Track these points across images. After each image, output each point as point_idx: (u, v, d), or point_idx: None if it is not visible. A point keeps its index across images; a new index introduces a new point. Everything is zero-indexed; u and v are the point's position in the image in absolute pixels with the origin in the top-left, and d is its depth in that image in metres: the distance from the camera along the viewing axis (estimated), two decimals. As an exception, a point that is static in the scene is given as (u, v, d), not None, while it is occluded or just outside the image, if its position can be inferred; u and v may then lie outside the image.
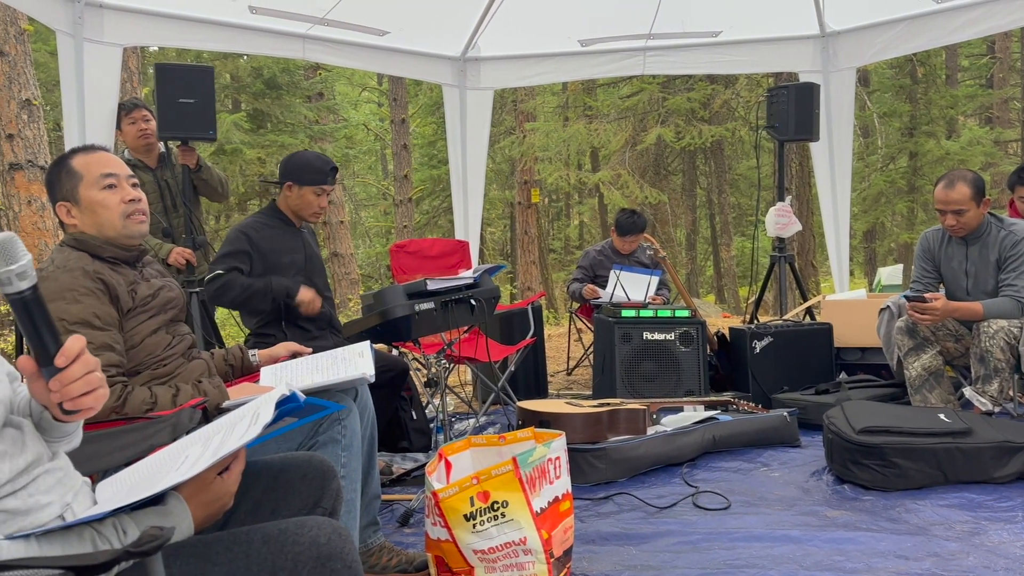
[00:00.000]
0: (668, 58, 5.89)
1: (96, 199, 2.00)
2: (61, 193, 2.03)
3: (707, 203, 18.13)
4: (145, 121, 3.96)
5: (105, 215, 2.01)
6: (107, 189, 2.01)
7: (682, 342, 4.34)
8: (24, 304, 1.13)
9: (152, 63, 14.30)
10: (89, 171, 2.01)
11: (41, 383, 1.16)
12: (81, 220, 2.03)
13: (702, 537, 2.58)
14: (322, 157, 3.31)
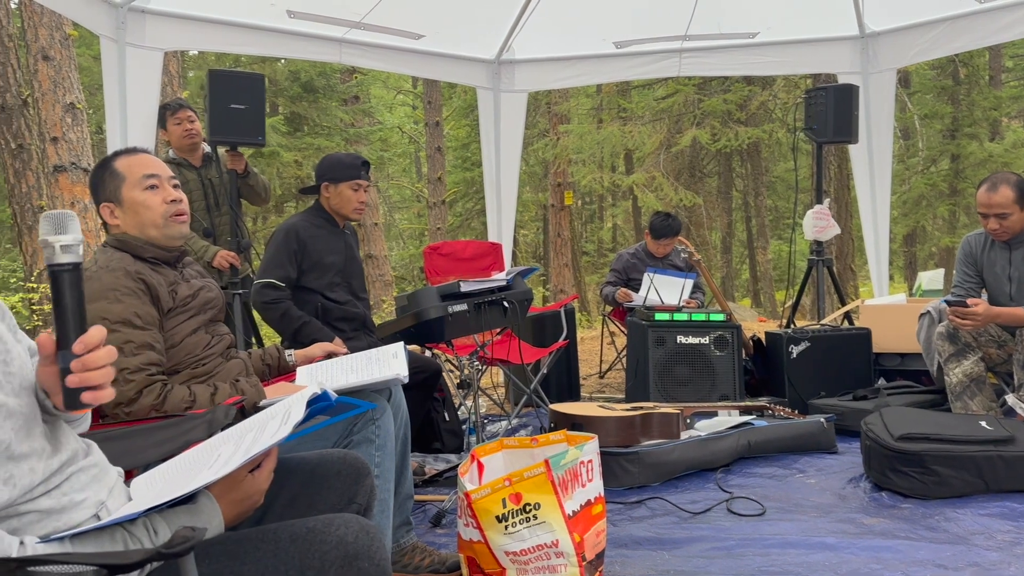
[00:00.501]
0: (704, 59, 5.84)
1: (138, 200, 2.04)
2: (104, 194, 2.07)
3: (743, 206, 17.96)
4: (190, 121, 4.03)
5: (147, 215, 2.05)
6: (149, 190, 2.05)
7: (717, 346, 4.30)
8: (63, 279, 1.14)
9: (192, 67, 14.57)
10: (132, 172, 2.05)
11: (52, 369, 1.14)
12: (124, 220, 2.07)
13: (736, 543, 2.56)
14: (351, 154, 3.36)
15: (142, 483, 1.36)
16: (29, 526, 1.10)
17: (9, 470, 1.07)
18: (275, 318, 3.16)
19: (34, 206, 8.39)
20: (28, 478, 1.10)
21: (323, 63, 11.56)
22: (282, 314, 3.14)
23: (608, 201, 19.77)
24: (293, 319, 3.14)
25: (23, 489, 1.09)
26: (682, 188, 11.62)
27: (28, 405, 1.14)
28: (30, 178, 8.41)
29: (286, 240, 3.19)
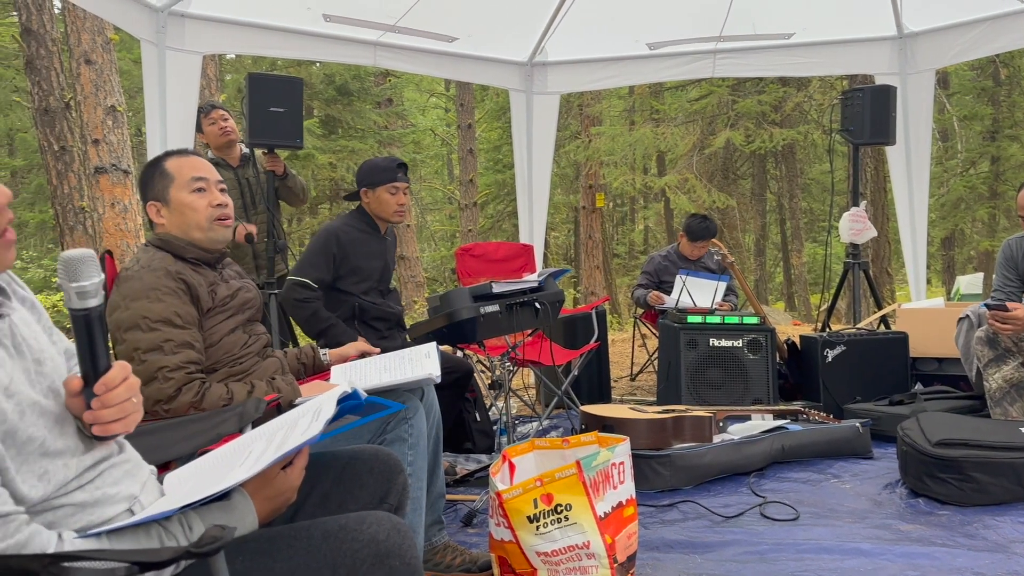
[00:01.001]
0: (739, 60, 5.80)
1: (185, 201, 2.08)
2: (152, 193, 2.12)
3: (777, 208, 17.77)
4: (223, 120, 4.09)
5: (192, 217, 2.09)
6: (196, 192, 2.09)
7: (750, 349, 4.26)
8: (84, 322, 1.16)
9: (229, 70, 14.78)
10: (181, 173, 2.10)
11: (79, 400, 1.18)
12: (169, 220, 2.11)
13: (769, 548, 2.54)
14: (388, 158, 3.38)
15: (175, 479, 1.37)
16: (64, 519, 1.12)
17: (44, 466, 1.10)
18: (304, 317, 3.19)
19: (75, 207, 8.57)
20: (62, 473, 1.12)
21: (357, 66, 11.67)
22: (311, 314, 3.17)
23: (640, 203, 19.68)
24: (320, 319, 3.17)
25: (57, 484, 1.11)
26: (715, 190, 11.54)
27: (58, 406, 1.16)
28: (72, 179, 8.60)
29: (326, 243, 3.22)
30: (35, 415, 1.10)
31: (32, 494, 1.07)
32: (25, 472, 1.07)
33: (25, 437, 1.08)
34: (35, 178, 15.02)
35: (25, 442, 1.08)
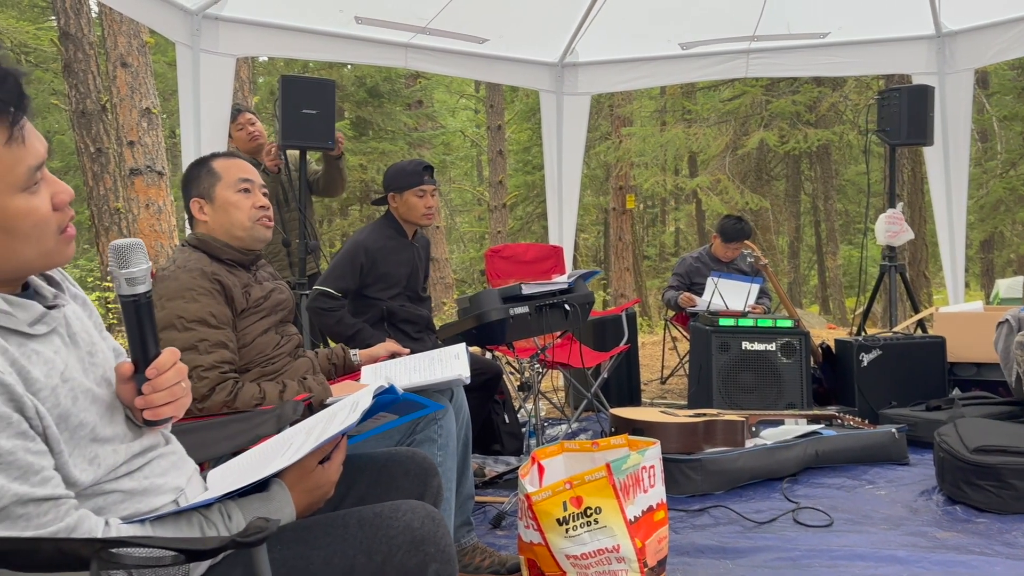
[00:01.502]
0: (772, 60, 5.73)
1: (231, 200, 2.13)
2: (198, 190, 2.16)
3: (812, 210, 17.56)
4: (251, 124, 4.16)
5: (236, 215, 2.13)
6: (242, 192, 2.14)
7: (784, 353, 4.21)
8: (134, 307, 1.20)
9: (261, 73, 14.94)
10: (228, 173, 2.15)
11: (130, 386, 1.22)
12: (212, 218, 2.15)
13: (802, 554, 2.50)
14: (414, 160, 3.39)
15: (217, 474, 1.40)
16: (113, 506, 1.15)
17: (94, 451, 1.13)
18: (328, 325, 3.22)
19: (111, 208, 8.73)
20: (111, 458, 1.16)
21: (388, 68, 11.74)
22: (336, 322, 3.20)
23: (671, 204, 19.56)
24: (346, 327, 3.19)
25: (107, 469, 1.15)
26: (748, 191, 11.43)
27: (109, 394, 1.20)
28: (107, 181, 8.76)
29: (354, 255, 3.23)
30: (87, 401, 1.14)
31: (83, 478, 1.11)
32: (77, 456, 1.11)
33: (77, 422, 1.11)
34: (72, 179, 15.31)
35: (77, 427, 1.11)
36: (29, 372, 1.06)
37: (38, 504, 1.03)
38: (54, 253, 1.13)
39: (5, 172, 1.05)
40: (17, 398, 1.03)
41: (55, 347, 1.13)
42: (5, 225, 1.06)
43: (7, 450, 1.00)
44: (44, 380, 1.08)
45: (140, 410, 1.23)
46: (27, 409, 1.04)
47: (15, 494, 1.01)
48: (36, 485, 1.03)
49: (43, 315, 1.13)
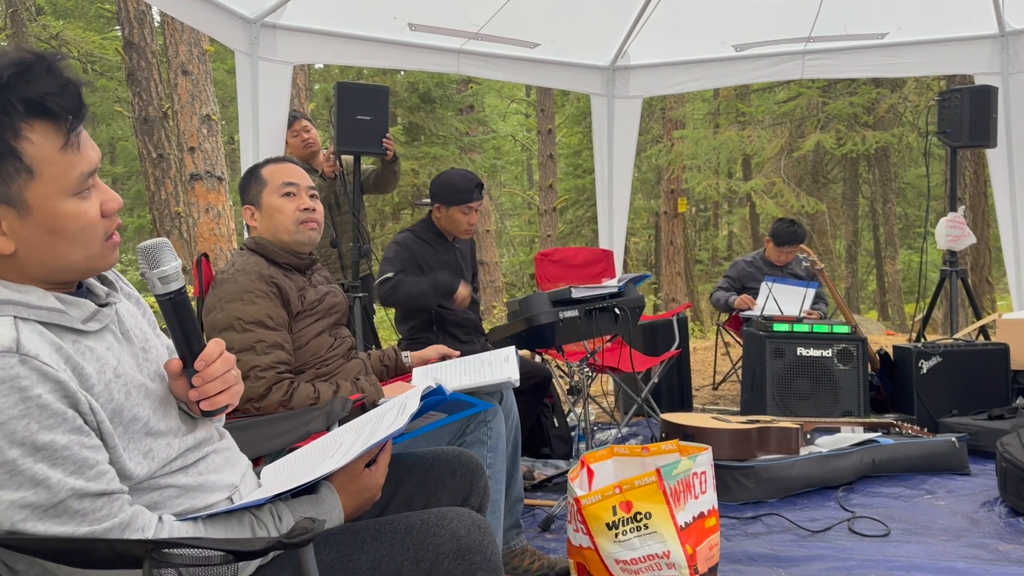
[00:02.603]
0: (829, 61, 5.62)
1: (275, 205, 2.19)
2: (249, 197, 2.24)
3: (870, 213, 17.16)
4: (306, 131, 4.26)
5: (280, 220, 2.19)
6: (285, 197, 2.20)
7: (840, 359, 4.12)
8: (171, 305, 1.23)
9: (317, 79, 15.21)
10: (273, 179, 2.21)
11: (181, 381, 1.25)
12: (261, 223, 2.22)
13: (858, 564, 2.45)
14: (467, 175, 3.39)
15: (270, 471, 1.44)
16: (168, 501, 1.19)
17: (148, 444, 1.17)
18: (399, 298, 3.25)
19: (172, 212, 8.97)
20: (165, 452, 1.19)
21: (440, 74, 11.84)
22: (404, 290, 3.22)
23: (724, 208, 19.31)
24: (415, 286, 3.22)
25: (161, 462, 1.18)
26: (804, 194, 11.23)
27: (164, 390, 1.24)
28: (168, 186, 9.01)
29: (398, 251, 3.31)
30: (140, 396, 1.18)
31: (138, 471, 1.14)
32: (132, 450, 1.14)
33: (131, 416, 1.15)
34: (134, 184, 15.79)
35: (131, 421, 1.15)
36: (83, 368, 1.09)
37: (93, 499, 1.06)
38: (98, 258, 1.16)
39: (58, 176, 1.09)
40: (72, 394, 1.06)
41: (108, 343, 1.16)
42: (54, 226, 1.10)
43: (63, 445, 1.04)
44: (97, 376, 1.11)
45: (196, 402, 1.25)
46: (81, 405, 1.07)
47: (71, 488, 1.04)
48: (91, 480, 1.06)
49: (95, 312, 1.16)
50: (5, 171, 1.05)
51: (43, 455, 1.02)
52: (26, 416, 1.01)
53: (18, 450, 1.01)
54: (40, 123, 1.07)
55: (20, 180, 1.06)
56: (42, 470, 1.02)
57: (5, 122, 1.04)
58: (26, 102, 1.05)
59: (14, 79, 1.04)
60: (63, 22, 12.93)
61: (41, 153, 1.07)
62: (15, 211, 1.07)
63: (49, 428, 1.03)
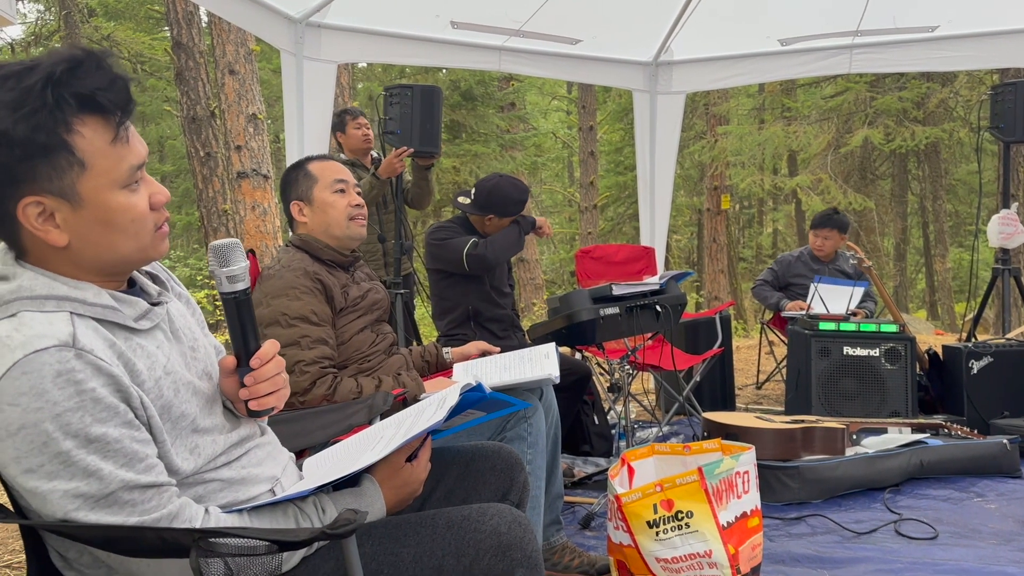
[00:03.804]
0: (878, 55, 5.51)
1: (328, 200, 2.24)
2: (296, 192, 2.27)
3: (919, 210, 16.77)
4: (367, 127, 4.33)
5: (333, 215, 2.23)
6: (338, 193, 2.25)
7: (888, 359, 4.04)
8: (235, 304, 1.26)
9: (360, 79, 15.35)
10: (324, 175, 2.25)
11: (232, 380, 1.28)
12: (311, 218, 2.25)
13: (905, 567, 2.40)
14: (519, 186, 3.43)
15: (313, 463, 1.46)
16: (212, 494, 1.22)
17: (195, 441, 1.20)
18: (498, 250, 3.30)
19: (219, 209, 9.13)
20: (211, 448, 1.22)
21: (482, 71, 11.88)
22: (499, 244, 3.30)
23: (768, 205, 19.05)
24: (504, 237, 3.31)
25: (207, 458, 1.21)
26: (851, 191, 11.02)
27: (210, 388, 1.27)
28: (216, 184, 9.17)
29: (454, 226, 3.39)
30: (188, 393, 1.20)
31: (185, 466, 1.17)
32: (179, 445, 1.17)
33: (179, 413, 1.18)
34: (183, 182, 16.11)
35: (179, 418, 1.18)
36: (135, 364, 1.12)
37: (143, 491, 1.09)
38: (149, 248, 1.19)
39: (109, 168, 1.11)
40: (124, 389, 1.09)
41: (158, 342, 1.19)
42: (106, 218, 1.13)
43: (114, 438, 1.07)
44: (148, 372, 1.14)
45: (244, 401, 1.28)
46: (133, 399, 1.10)
47: (122, 480, 1.07)
48: (141, 472, 1.09)
49: (147, 311, 1.19)
50: (59, 164, 1.08)
51: (96, 447, 1.05)
52: (80, 409, 1.04)
53: (72, 441, 1.04)
54: (91, 117, 1.09)
55: (73, 173, 1.09)
56: (94, 462, 1.05)
57: (58, 116, 1.07)
58: (78, 97, 1.08)
59: (66, 75, 1.07)
60: (114, 23, 13.22)
61: (92, 147, 1.10)
62: (69, 204, 1.10)
63: (102, 421, 1.06)
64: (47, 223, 1.10)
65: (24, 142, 1.05)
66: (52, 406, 1.03)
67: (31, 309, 1.09)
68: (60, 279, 1.13)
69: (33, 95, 1.05)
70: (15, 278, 1.11)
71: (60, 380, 1.03)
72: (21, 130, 1.05)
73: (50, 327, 1.07)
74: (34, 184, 1.08)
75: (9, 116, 1.05)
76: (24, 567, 2.68)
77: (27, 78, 1.06)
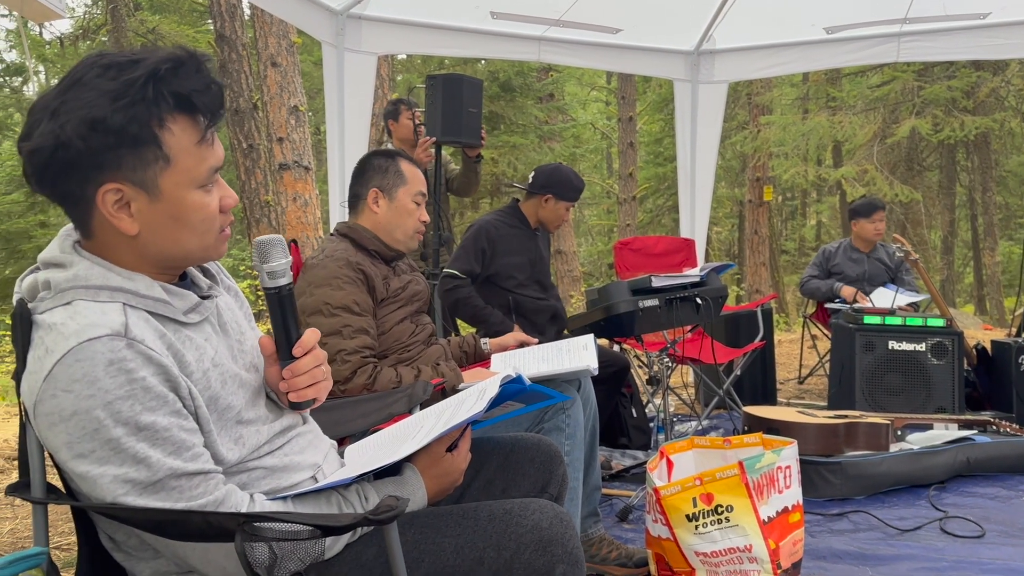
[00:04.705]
0: (926, 43, 5.37)
1: (408, 207, 2.30)
2: (381, 182, 2.30)
3: (968, 202, 16.37)
4: (418, 119, 4.34)
5: (406, 221, 2.29)
6: (417, 205, 2.31)
7: (934, 354, 3.96)
8: (276, 298, 1.28)
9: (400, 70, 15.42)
10: (413, 183, 2.31)
11: (275, 369, 1.31)
12: (383, 212, 2.29)
13: (950, 565, 2.36)
14: (578, 176, 3.47)
15: (355, 450, 1.48)
16: (256, 481, 1.24)
17: (239, 431, 1.22)
18: (450, 302, 3.30)
19: (261, 201, 9.25)
20: (255, 439, 1.24)
21: (521, 62, 11.84)
22: (459, 300, 3.28)
23: (812, 196, 18.74)
24: (470, 306, 3.26)
25: (251, 448, 1.23)
26: (898, 182, 10.78)
27: (256, 380, 1.29)
28: (258, 175, 9.29)
29: (476, 238, 3.32)
30: (235, 385, 1.23)
31: (230, 456, 1.19)
32: (224, 436, 1.19)
33: (225, 405, 1.20)
34: (226, 174, 16.31)
35: (225, 409, 1.20)
36: (183, 356, 1.15)
37: (190, 478, 1.11)
38: (211, 248, 1.22)
39: (191, 167, 1.15)
40: (173, 379, 1.11)
41: (206, 334, 1.22)
42: (179, 214, 1.16)
43: (163, 427, 1.09)
44: (196, 364, 1.16)
45: (285, 393, 1.31)
46: (181, 389, 1.12)
47: (170, 468, 1.09)
48: (188, 460, 1.11)
49: (197, 304, 1.22)
50: (145, 156, 1.12)
51: (145, 435, 1.08)
52: (131, 397, 1.07)
53: (122, 429, 1.06)
54: (183, 117, 1.13)
55: (157, 167, 1.13)
56: (144, 449, 1.08)
57: (154, 112, 1.10)
58: (175, 96, 1.12)
59: (169, 73, 1.11)
60: (159, 17, 13.44)
61: (179, 144, 1.13)
62: (147, 195, 1.14)
63: (151, 410, 1.08)
64: (122, 210, 1.14)
65: (117, 131, 1.09)
66: (104, 394, 1.05)
67: (85, 298, 1.12)
68: (115, 270, 1.15)
69: (135, 88, 1.09)
70: (71, 267, 1.14)
71: (112, 369, 1.06)
72: (117, 119, 1.08)
73: (103, 317, 1.09)
74: (117, 172, 1.11)
75: (108, 105, 1.08)
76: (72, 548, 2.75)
77: (130, 71, 1.10)
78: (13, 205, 11.74)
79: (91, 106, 1.08)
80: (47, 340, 1.09)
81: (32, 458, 1.23)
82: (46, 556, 1.18)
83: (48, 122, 1.09)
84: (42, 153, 1.09)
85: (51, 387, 1.06)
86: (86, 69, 1.11)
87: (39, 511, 1.27)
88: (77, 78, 1.11)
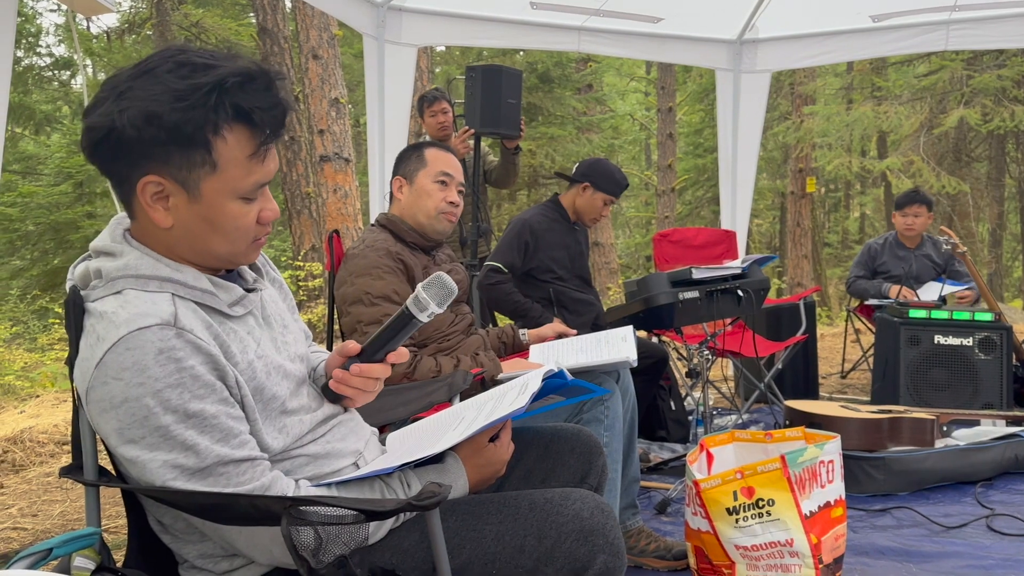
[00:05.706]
0: (976, 31, 5.23)
1: (426, 188, 2.30)
2: (404, 170, 2.34)
3: (1018, 195, 15.94)
4: (443, 113, 4.34)
5: (426, 203, 2.29)
6: (439, 184, 2.30)
7: (982, 349, 3.87)
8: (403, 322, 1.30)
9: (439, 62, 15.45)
10: (434, 163, 2.31)
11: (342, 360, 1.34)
12: (406, 198, 2.32)
13: (996, 563, 2.31)
14: (620, 172, 3.44)
15: (396, 438, 1.50)
16: (299, 468, 1.27)
17: (283, 421, 1.24)
18: (494, 297, 3.30)
19: (302, 192, 9.36)
20: (298, 428, 1.27)
21: (559, 53, 11.80)
22: (502, 295, 3.27)
23: (856, 188, 18.41)
24: (510, 300, 3.26)
25: (294, 437, 1.26)
26: (945, 174, 10.54)
27: (299, 371, 1.32)
28: (299, 167, 9.40)
29: (520, 233, 3.32)
30: (279, 376, 1.25)
31: (274, 445, 1.22)
32: (268, 426, 1.22)
33: (270, 395, 1.22)
34: (268, 166, 16.51)
35: (269, 399, 1.22)
36: (229, 346, 1.17)
37: (237, 464, 1.14)
38: (240, 255, 1.24)
39: (237, 179, 1.16)
40: (221, 368, 1.14)
41: (249, 327, 1.24)
42: (214, 219, 1.18)
43: (211, 414, 1.12)
44: (241, 355, 1.19)
45: (330, 379, 1.34)
46: (228, 378, 1.15)
47: (217, 455, 1.12)
48: (235, 447, 1.14)
49: (242, 297, 1.24)
50: (192, 158, 1.13)
51: (193, 422, 1.10)
52: (180, 385, 1.09)
53: (172, 416, 1.09)
54: (240, 128, 1.15)
55: (203, 171, 1.15)
56: (192, 436, 1.10)
57: (211, 118, 1.12)
58: (236, 108, 1.13)
59: (235, 86, 1.12)
60: (202, 10, 13.63)
61: (230, 154, 1.15)
62: (187, 194, 1.16)
63: (200, 398, 1.11)
64: (159, 202, 1.16)
65: (171, 128, 1.11)
66: (153, 382, 1.08)
67: (135, 288, 1.15)
68: (164, 260, 1.18)
69: (198, 93, 1.11)
70: (122, 256, 1.17)
71: (162, 357, 1.08)
72: (173, 118, 1.10)
73: (153, 306, 1.12)
74: (163, 166, 1.14)
75: (169, 103, 1.10)
76: (119, 531, 2.82)
77: (201, 75, 1.12)
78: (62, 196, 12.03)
79: (153, 100, 1.10)
80: (99, 328, 1.11)
81: (84, 442, 1.26)
82: (99, 536, 1.22)
83: (112, 103, 1.11)
84: (97, 131, 1.12)
85: (102, 374, 1.09)
86: (162, 61, 1.13)
87: (91, 493, 1.31)
88: (151, 67, 1.13)
